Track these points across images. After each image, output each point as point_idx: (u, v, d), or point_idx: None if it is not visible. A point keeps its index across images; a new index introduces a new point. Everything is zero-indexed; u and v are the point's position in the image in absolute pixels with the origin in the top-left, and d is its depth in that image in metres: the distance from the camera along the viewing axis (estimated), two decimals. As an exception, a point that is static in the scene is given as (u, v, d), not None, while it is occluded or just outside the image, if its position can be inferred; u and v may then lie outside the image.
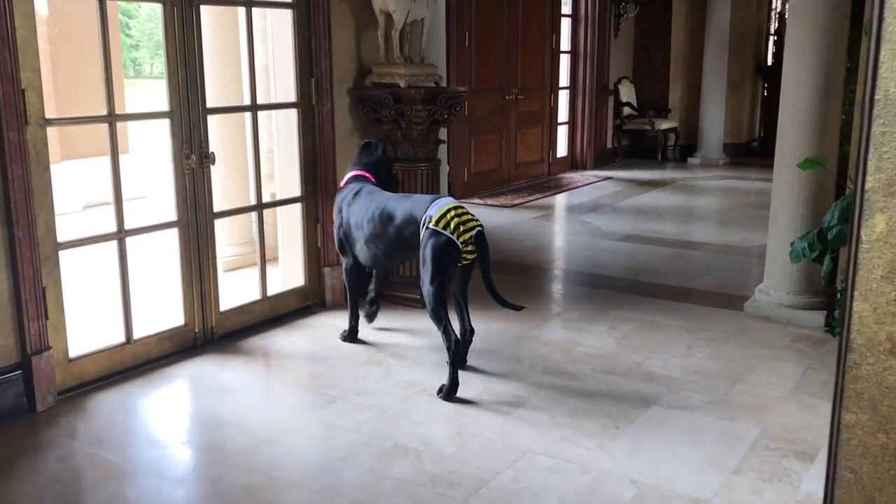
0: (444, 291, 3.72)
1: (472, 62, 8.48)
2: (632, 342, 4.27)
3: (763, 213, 7.75)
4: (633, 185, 9.51)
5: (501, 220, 7.41)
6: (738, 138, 11.79)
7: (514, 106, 9.28)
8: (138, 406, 3.57)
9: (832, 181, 4.53)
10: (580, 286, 5.38)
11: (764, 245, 6.37)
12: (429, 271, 3.64)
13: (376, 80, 4.78)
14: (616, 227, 7.15)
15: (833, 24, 4.32)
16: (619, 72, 11.17)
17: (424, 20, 4.84)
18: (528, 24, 9.33)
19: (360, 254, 4.06)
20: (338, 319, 4.63)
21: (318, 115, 4.65)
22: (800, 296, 4.59)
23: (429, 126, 4.78)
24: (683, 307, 4.87)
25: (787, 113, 4.51)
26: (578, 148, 10.69)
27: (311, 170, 4.70)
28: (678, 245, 6.49)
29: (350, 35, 4.81)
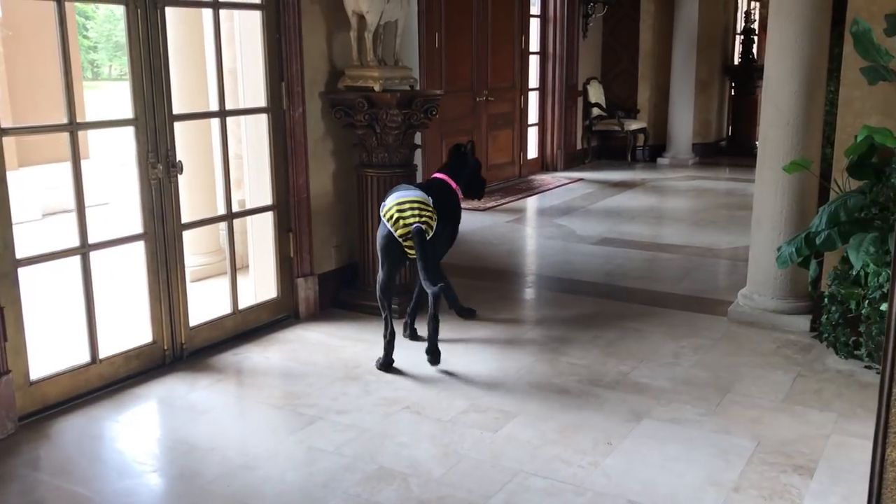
0: (389, 280, 3.99)
1: (443, 64, 8.34)
2: (617, 351, 4.16)
3: (737, 213, 7.74)
4: (605, 186, 9.45)
5: (475, 224, 7.28)
6: (706, 138, 11.81)
7: (484, 107, 9.17)
8: (105, 431, 3.38)
9: (816, 184, 4.47)
10: (560, 292, 5.27)
11: (741, 247, 6.35)
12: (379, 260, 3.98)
13: (350, 84, 4.62)
14: (591, 230, 7.06)
15: (815, 25, 4.25)
16: (588, 72, 11.11)
17: (398, 22, 4.69)
18: (498, 25, 9.22)
19: None
20: (312, 332, 4.47)
21: (289, 120, 4.48)
22: (784, 300, 4.52)
23: (404, 131, 4.63)
24: (666, 313, 4.78)
25: (770, 115, 4.44)
26: (549, 149, 10.61)
27: (283, 177, 4.52)
28: (655, 248, 6.41)
29: (322, 37, 4.64)
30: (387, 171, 4.65)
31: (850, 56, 4.14)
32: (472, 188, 4.48)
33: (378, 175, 4.66)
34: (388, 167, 4.65)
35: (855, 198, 3.82)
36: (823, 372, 3.89)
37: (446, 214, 4.08)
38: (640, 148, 11.34)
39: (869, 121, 4.11)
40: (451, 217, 4.22)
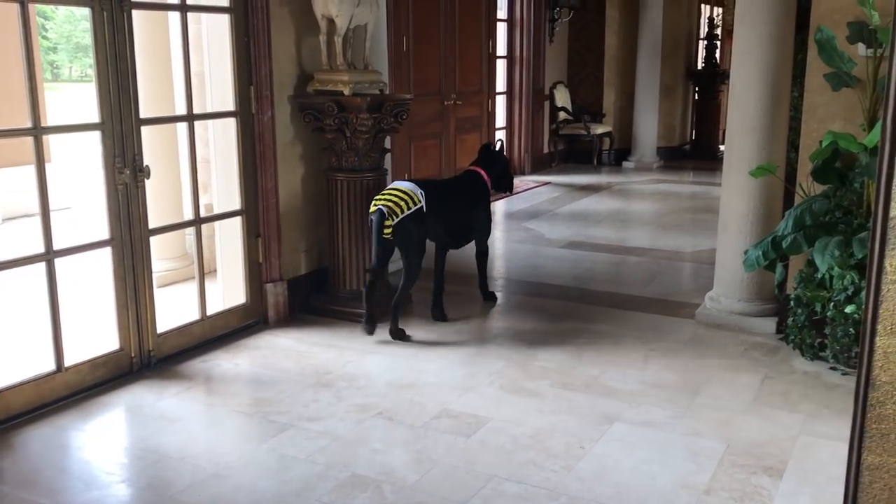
0: (375, 258, 4.45)
1: (411, 67, 8.33)
2: (587, 354, 4.19)
3: (701, 217, 7.84)
4: (572, 189, 9.51)
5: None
6: (670, 142, 11.95)
7: (452, 111, 9.17)
8: (72, 441, 3.32)
9: (781, 188, 4.54)
10: (529, 296, 5.28)
11: (706, 250, 6.43)
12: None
13: (319, 88, 4.60)
14: (559, 233, 7.10)
15: (780, 32, 4.32)
16: (555, 77, 11.18)
17: (368, 25, 4.68)
18: (465, 29, 9.24)
19: None
20: (282, 338, 4.43)
21: (258, 124, 4.44)
22: (751, 303, 4.59)
23: (374, 135, 4.62)
24: (634, 316, 4.82)
25: (736, 120, 4.50)
26: (516, 153, 10.65)
27: (252, 181, 4.48)
28: (622, 251, 6.47)
29: (291, 40, 4.61)
30: (356, 176, 4.63)
31: (814, 62, 4.22)
32: (501, 182, 5.22)
33: (348, 179, 4.64)
34: (358, 171, 4.64)
35: (820, 202, 3.89)
36: (790, 374, 3.94)
37: (480, 200, 4.92)
38: (605, 152, 11.43)
39: (832, 126, 4.19)
40: (484, 203, 4.97)
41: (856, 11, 4.00)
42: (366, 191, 4.65)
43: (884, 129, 1.28)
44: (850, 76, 3.96)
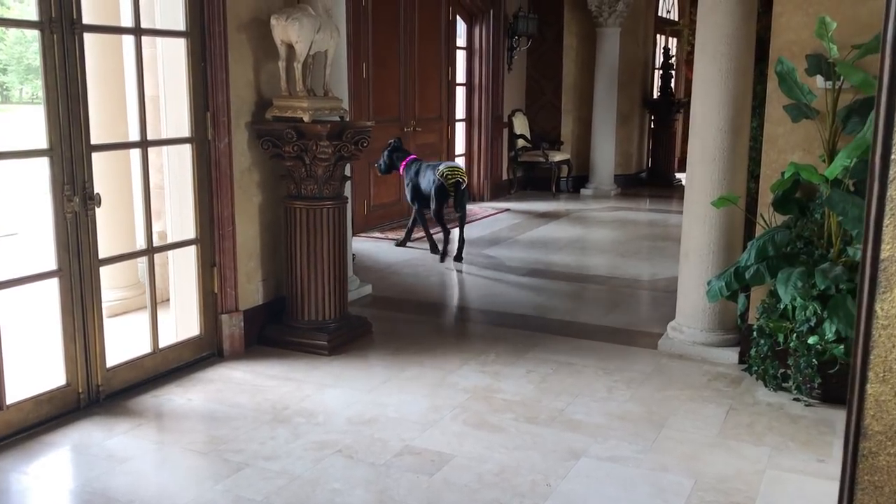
0: (440, 211, 6.96)
1: (371, 94, 8.28)
2: (551, 386, 4.12)
3: (659, 244, 7.88)
4: (531, 216, 9.51)
5: (405, 255, 7.20)
6: (627, 169, 12.06)
7: (412, 138, 9.13)
8: (13, 484, 3.14)
9: (742, 218, 4.56)
10: (491, 325, 5.22)
11: (665, 278, 6.44)
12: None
13: (278, 114, 4.50)
14: (519, 261, 7.07)
15: (739, 64, 4.35)
16: (513, 104, 11.23)
17: (328, 52, 4.61)
18: (425, 56, 9.23)
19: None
20: (238, 371, 4.29)
21: (214, 151, 4.32)
22: (713, 332, 4.58)
23: (334, 162, 4.53)
24: (597, 346, 4.78)
25: (697, 150, 4.52)
26: (475, 180, 10.63)
27: (207, 209, 4.36)
28: (582, 279, 6.44)
29: (249, 66, 4.52)
30: (316, 204, 4.54)
31: (774, 94, 4.25)
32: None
33: (307, 207, 4.54)
34: (318, 199, 4.54)
35: (782, 233, 3.90)
36: (754, 405, 3.92)
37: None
38: (563, 179, 11.48)
39: (792, 157, 4.22)
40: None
41: (814, 44, 4.04)
42: (326, 219, 4.56)
43: (871, 169, 1.24)
44: (809, 108, 3.99)
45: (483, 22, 10.37)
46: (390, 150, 7.27)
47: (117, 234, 4.95)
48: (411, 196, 7.25)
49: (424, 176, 7.06)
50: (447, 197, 6.90)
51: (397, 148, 7.29)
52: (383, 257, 7.16)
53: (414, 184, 7.15)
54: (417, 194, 7.17)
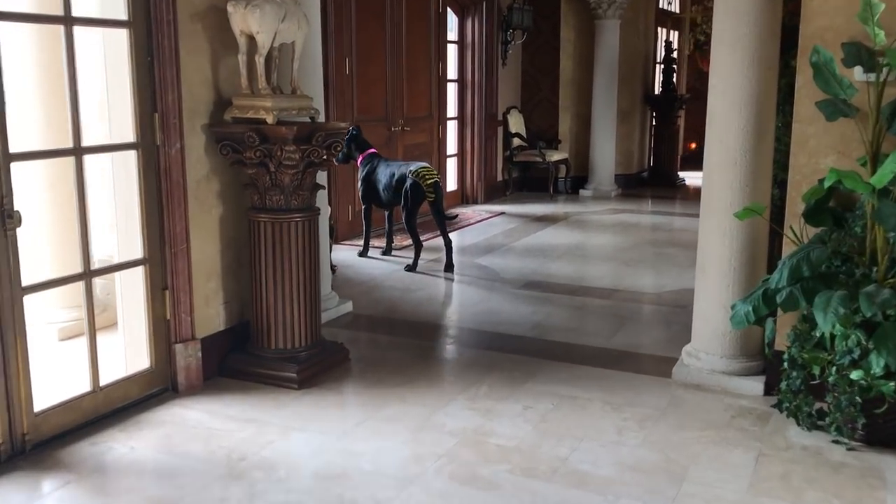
0: (412, 218, 6.40)
1: (354, 91, 7.73)
2: (552, 427, 3.58)
3: (665, 251, 7.34)
4: (527, 221, 8.96)
5: (390, 265, 6.65)
6: (628, 169, 11.52)
7: (400, 138, 8.58)
8: None
9: (766, 229, 4.02)
10: (484, 349, 4.67)
11: (674, 291, 5.91)
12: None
13: (238, 115, 3.95)
14: (515, 271, 6.52)
15: (764, 55, 3.81)
16: (508, 101, 10.68)
17: (295, 43, 4.06)
18: (413, 51, 8.68)
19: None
20: (193, 410, 3.75)
21: (164, 158, 3.77)
22: (734, 360, 4.04)
23: (303, 170, 3.98)
24: (602, 374, 4.24)
25: (715, 153, 3.97)
26: (469, 181, 10.09)
27: (157, 225, 3.81)
28: (584, 293, 5.90)
29: (205, 60, 3.97)
30: (283, 217, 3.99)
31: (804, 88, 3.71)
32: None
33: (272, 221, 3.99)
34: (285, 211, 4.00)
35: (818, 250, 3.36)
36: (787, 449, 3.38)
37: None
38: (561, 179, 10.94)
39: (825, 160, 3.68)
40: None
41: (851, 30, 3.51)
42: (294, 234, 4.01)
43: None
44: (847, 104, 3.45)
45: (475, 14, 9.81)
46: (349, 139, 6.57)
47: (58, 255, 4.40)
48: (362, 193, 6.74)
49: (381, 173, 6.55)
50: (422, 200, 6.36)
51: (356, 137, 6.65)
52: (368, 268, 6.61)
53: (367, 181, 6.64)
54: (369, 193, 6.68)
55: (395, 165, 6.56)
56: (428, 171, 6.39)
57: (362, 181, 6.73)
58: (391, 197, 6.53)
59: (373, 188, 6.65)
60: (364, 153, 6.73)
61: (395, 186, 6.44)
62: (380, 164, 6.63)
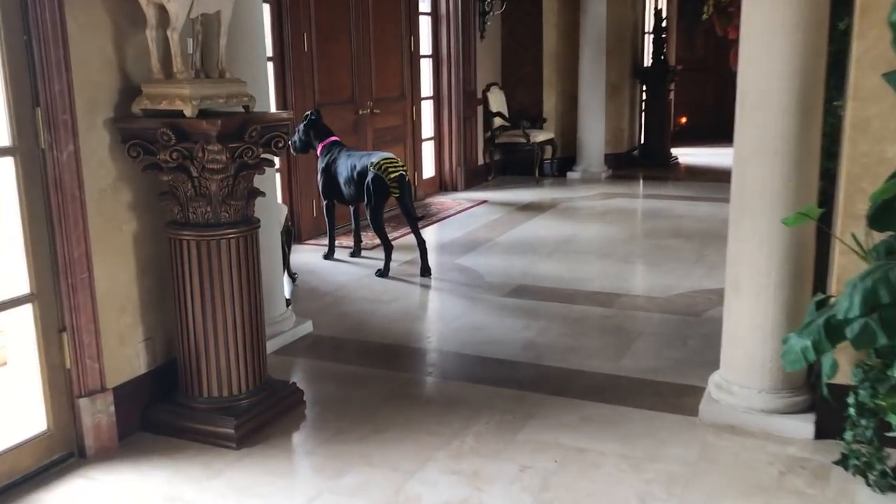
0: (378, 216, 5.57)
1: (315, 71, 6.87)
2: (556, 496, 2.82)
3: (666, 243, 6.57)
4: (512, 210, 8.16)
5: (360, 271, 5.85)
6: (618, 147, 10.72)
7: (369, 122, 7.74)
8: None
9: (814, 235, 3.25)
10: (468, 381, 3.89)
11: (685, 293, 5.15)
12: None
13: (149, 107, 3.13)
14: (501, 273, 5.73)
15: (813, 13, 3.03)
16: (488, 78, 9.83)
17: (221, 14, 3.22)
18: (382, 24, 7.81)
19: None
20: (103, 484, 2.95)
21: (53, 165, 2.95)
22: (776, 394, 3.28)
23: (235, 174, 3.16)
24: (614, 415, 3.47)
25: (749, 140, 3.19)
26: (447, 166, 9.26)
27: (46, 249, 2.99)
28: (582, 299, 5.12)
29: (106, 38, 3.13)
30: (212, 233, 3.18)
31: (864, 57, 2.93)
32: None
33: (199, 238, 3.18)
34: (215, 227, 3.18)
35: (899, 269, 2.58)
36: (860, 523, 2.64)
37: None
38: (547, 161, 10.14)
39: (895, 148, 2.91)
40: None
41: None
42: (227, 254, 3.20)
43: None
44: (928, 76, 2.67)
45: (450, -17, 8.93)
46: (307, 125, 5.87)
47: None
48: (322, 187, 5.97)
49: (341, 165, 5.78)
50: (386, 196, 5.59)
51: (315, 123, 5.89)
52: (334, 273, 5.80)
53: (327, 173, 5.86)
54: (329, 187, 5.91)
55: (356, 156, 5.74)
56: (391, 162, 5.56)
57: (322, 173, 5.91)
58: (353, 192, 5.72)
59: (333, 182, 5.84)
60: (324, 142, 5.90)
61: (357, 180, 5.63)
62: (341, 155, 5.81)
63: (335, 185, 5.85)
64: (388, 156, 5.65)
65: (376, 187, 5.52)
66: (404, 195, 5.57)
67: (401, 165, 5.59)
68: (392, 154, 5.79)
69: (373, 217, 5.59)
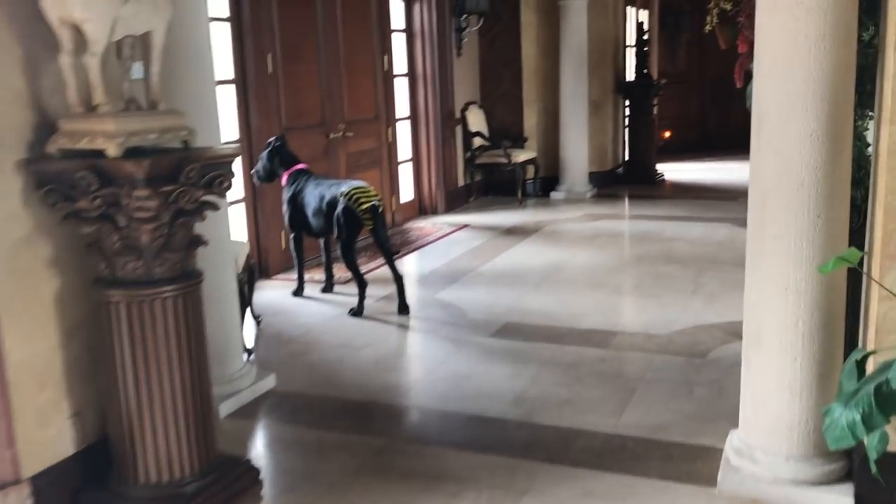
0: (350, 250, 5.15)
1: (281, 94, 6.41)
2: None
3: (661, 270, 6.13)
4: (495, 234, 7.72)
5: (331, 310, 5.38)
6: (602, 165, 10.32)
7: (342, 145, 7.28)
8: None
9: (844, 278, 2.82)
10: (452, 447, 3.41)
11: (688, 328, 4.71)
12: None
13: (67, 146, 2.65)
14: (486, 309, 5.28)
15: (842, 22, 2.61)
16: (466, 96, 9.41)
17: (153, 35, 2.76)
18: (353, 43, 7.37)
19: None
20: None
21: (-52, 218, 2.46)
22: (807, 462, 2.84)
23: (171, 221, 2.69)
24: (619, 486, 3.02)
25: (770, 171, 2.76)
26: (426, 189, 8.82)
27: (-54, 319, 2.50)
28: (575, 339, 4.67)
29: (16, 65, 2.67)
30: (145, 292, 2.71)
31: (905, 71, 2.51)
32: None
33: (129, 299, 2.70)
34: (147, 284, 2.71)
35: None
36: None
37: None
38: (530, 181, 9.71)
39: (941, 178, 2.49)
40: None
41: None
42: (164, 316, 2.72)
43: None
44: None
45: (424, -2, 8.53)
46: (271, 152, 5.44)
47: None
48: (289, 219, 5.51)
49: (309, 195, 5.32)
50: (358, 228, 5.13)
51: (280, 150, 5.45)
52: (303, 314, 5.32)
53: (293, 204, 5.41)
54: (296, 218, 5.44)
55: (325, 185, 5.27)
56: (362, 192, 5.09)
57: (288, 204, 5.45)
58: (322, 224, 5.26)
59: (301, 213, 5.37)
60: (289, 170, 5.44)
61: (326, 212, 5.17)
62: (308, 184, 5.35)
63: (303, 216, 5.39)
64: (358, 184, 5.19)
65: (347, 219, 5.06)
66: (378, 227, 5.11)
67: (373, 195, 5.13)
68: (363, 182, 5.32)
69: (344, 251, 5.13)
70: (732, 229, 7.40)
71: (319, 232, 5.44)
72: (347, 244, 5.10)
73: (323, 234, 5.51)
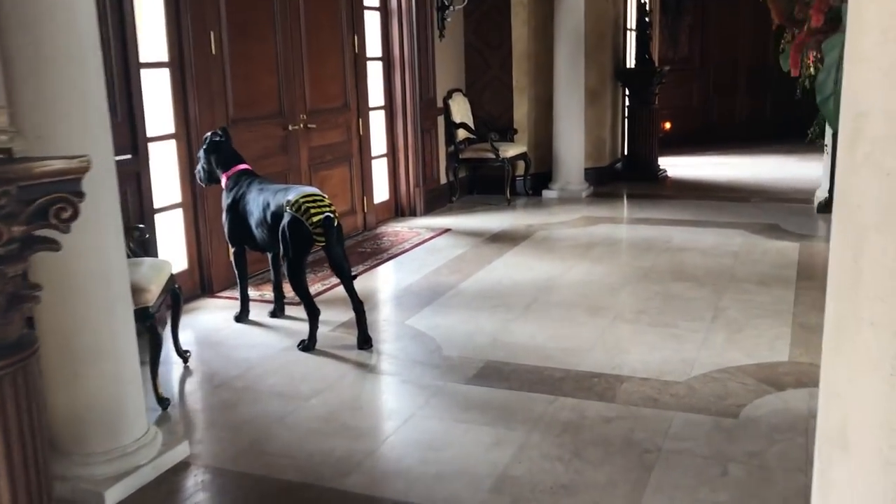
0: (299, 271, 4.21)
1: (228, 79, 5.48)
2: None
3: (673, 290, 5.20)
4: (480, 241, 6.83)
5: (279, 341, 4.48)
6: (600, 161, 9.45)
7: (303, 139, 6.36)
8: None
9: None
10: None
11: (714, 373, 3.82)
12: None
13: None
14: (465, 342, 4.39)
15: None
16: (449, 83, 8.50)
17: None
18: (317, 19, 6.43)
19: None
20: None
21: None
22: None
23: (-27, 272, 1.77)
24: None
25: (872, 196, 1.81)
26: (403, 188, 7.90)
27: None
28: (573, 386, 3.78)
29: None
30: (-64, 378, 1.78)
31: None
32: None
33: (-88, 389, 1.78)
34: (-60, 366, 1.79)
35: None
36: None
37: None
38: (520, 178, 8.83)
39: None
40: None
41: None
42: (-34, 412, 1.81)
43: None
44: None
45: (401, -28, 7.58)
46: (208, 149, 4.61)
47: None
48: (229, 230, 4.62)
49: (252, 202, 4.43)
50: (309, 245, 4.21)
51: (219, 146, 4.58)
52: (243, 346, 4.41)
53: (233, 211, 4.51)
54: (238, 229, 4.55)
55: (270, 191, 4.36)
56: (314, 200, 4.18)
57: (227, 212, 4.54)
58: (267, 237, 4.36)
59: (243, 223, 4.47)
60: (229, 171, 4.53)
61: (271, 223, 4.27)
62: (251, 189, 4.45)
63: (245, 227, 4.48)
64: (309, 191, 4.28)
65: (294, 233, 4.14)
66: (332, 244, 4.20)
67: (327, 204, 4.21)
68: (315, 189, 4.41)
69: (291, 273, 4.22)
70: (749, 237, 6.54)
71: (265, 246, 4.54)
72: (295, 264, 4.19)
73: (269, 249, 4.61)
